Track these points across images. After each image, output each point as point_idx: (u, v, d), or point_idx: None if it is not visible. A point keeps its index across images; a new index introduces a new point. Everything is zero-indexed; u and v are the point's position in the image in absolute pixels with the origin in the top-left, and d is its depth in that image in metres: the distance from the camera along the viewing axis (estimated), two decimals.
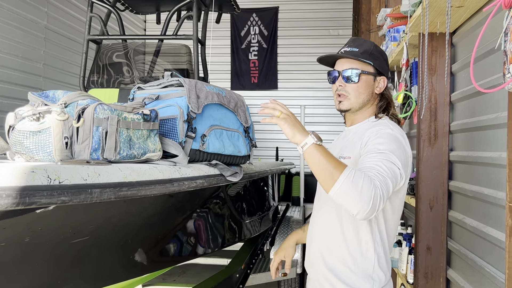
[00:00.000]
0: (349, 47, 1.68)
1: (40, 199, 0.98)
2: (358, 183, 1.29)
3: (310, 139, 1.37)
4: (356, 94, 1.65)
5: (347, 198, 1.31)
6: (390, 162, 1.42)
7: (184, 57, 3.57)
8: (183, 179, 1.51)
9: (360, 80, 1.64)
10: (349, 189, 1.30)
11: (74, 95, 1.27)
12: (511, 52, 1.17)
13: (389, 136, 1.53)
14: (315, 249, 1.71)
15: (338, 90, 1.67)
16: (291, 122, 1.40)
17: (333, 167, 1.33)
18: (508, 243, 1.46)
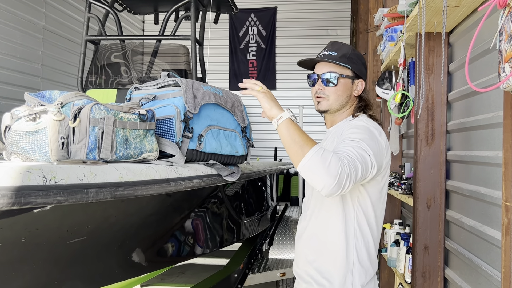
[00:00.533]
0: (328, 51, 1.73)
1: (35, 199, 0.98)
2: (327, 159, 1.34)
3: (286, 114, 1.46)
4: (335, 96, 1.70)
5: (314, 172, 1.36)
6: (361, 148, 1.46)
7: (182, 57, 3.58)
8: (180, 179, 1.52)
9: (338, 83, 1.70)
10: (317, 163, 1.35)
11: (70, 95, 1.27)
12: (506, 51, 1.17)
13: (361, 127, 1.59)
14: (300, 248, 1.76)
15: (317, 93, 1.72)
16: (270, 96, 1.51)
17: (304, 141, 1.40)
18: (504, 241, 1.47)
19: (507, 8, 1.18)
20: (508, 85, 1.17)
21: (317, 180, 1.36)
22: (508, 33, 1.17)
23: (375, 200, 1.65)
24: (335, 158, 1.35)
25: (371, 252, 1.67)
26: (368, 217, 1.64)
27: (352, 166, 1.38)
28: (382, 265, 3.90)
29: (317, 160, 1.35)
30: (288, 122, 1.45)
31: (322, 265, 1.65)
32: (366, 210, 1.64)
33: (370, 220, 1.65)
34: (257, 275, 3.41)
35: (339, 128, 1.71)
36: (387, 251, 3.22)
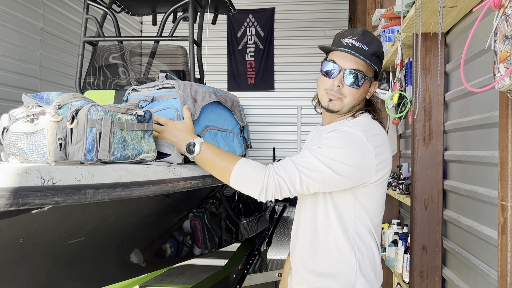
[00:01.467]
0: (358, 42, 1.44)
1: (33, 200, 0.98)
2: (248, 175, 1.40)
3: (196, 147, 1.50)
4: (352, 99, 1.48)
5: (244, 189, 1.44)
6: (316, 157, 1.37)
7: (180, 58, 3.58)
8: (177, 179, 1.52)
9: (362, 86, 1.47)
10: (242, 181, 1.41)
11: (68, 97, 1.28)
12: (500, 51, 1.18)
13: (342, 134, 1.42)
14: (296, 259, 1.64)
15: (333, 90, 1.47)
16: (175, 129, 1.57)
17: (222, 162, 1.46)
18: (500, 241, 1.47)
19: (502, 9, 1.18)
20: (503, 85, 1.18)
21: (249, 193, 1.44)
22: (502, 34, 1.18)
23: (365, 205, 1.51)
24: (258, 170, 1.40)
25: (375, 263, 1.53)
26: (367, 227, 1.51)
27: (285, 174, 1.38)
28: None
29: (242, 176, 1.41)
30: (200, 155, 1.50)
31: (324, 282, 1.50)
32: (364, 221, 1.51)
33: (370, 230, 1.52)
34: (255, 275, 3.41)
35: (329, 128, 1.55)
36: (385, 251, 3.22)
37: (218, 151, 1.47)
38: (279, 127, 7.28)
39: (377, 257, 1.54)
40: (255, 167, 1.40)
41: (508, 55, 1.14)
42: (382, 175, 1.49)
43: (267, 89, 7.48)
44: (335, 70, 1.45)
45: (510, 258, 1.42)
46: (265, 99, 7.47)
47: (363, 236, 1.51)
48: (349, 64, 1.44)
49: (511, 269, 1.42)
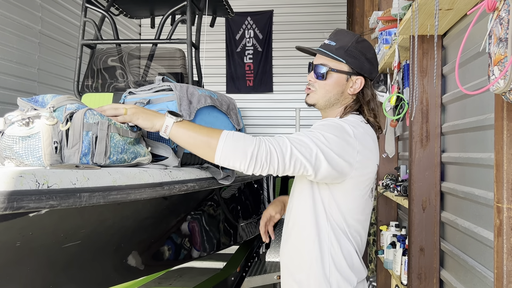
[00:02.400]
0: (328, 40, 1.61)
1: (28, 204, 0.98)
2: (239, 141, 1.32)
3: (169, 120, 1.35)
4: (323, 91, 1.58)
5: (232, 158, 1.32)
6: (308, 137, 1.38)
7: (178, 61, 3.58)
8: (174, 182, 1.52)
9: (328, 78, 1.56)
10: (231, 149, 1.31)
11: (62, 99, 1.28)
12: (495, 54, 1.18)
13: (332, 124, 1.47)
14: (282, 257, 1.72)
15: (308, 83, 1.63)
16: (142, 113, 1.38)
17: (207, 136, 1.33)
18: (496, 243, 1.48)
19: (496, 12, 1.19)
20: (497, 87, 1.19)
21: (237, 163, 1.33)
22: (497, 36, 1.18)
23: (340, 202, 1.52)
24: (248, 138, 1.33)
25: (353, 259, 1.54)
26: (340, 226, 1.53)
27: (276, 143, 1.34)
28: (379, 267, 3.90)
29: (229, 146, 1.31)
30: (176, 127, 1.34)
31: (302, 277, 1.55)
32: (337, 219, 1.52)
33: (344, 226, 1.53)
34: (254, 278, 3.41)
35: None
36: (383, 253, 3.23)
37: (198, 126, 1.37)
38: (277, 129, 7.28)
39: (354, 255, 1.55)
40: (243, 135, 1.34)
41: (503, 58, 1.15)
42: (361, 174, 1.49)
43: (265, 91, 7.48)
44: (310, 68, 1.64)
45: (506, 260, 1.43)
46: (264, 101, 7.47)
47: (337, 234, 1.52)
48: (317, 60, 1.61)
49: (507, 271, 1.42)
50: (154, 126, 1.37)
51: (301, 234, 1.57)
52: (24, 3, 4.35)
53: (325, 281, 1.51)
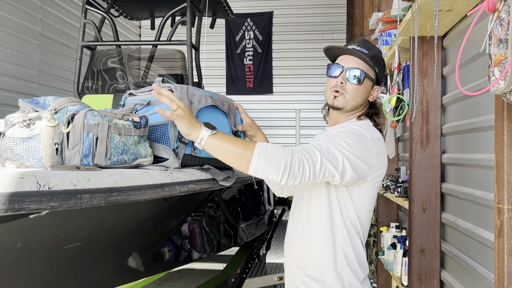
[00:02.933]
0: (359, 47, 1.61)
1: (29, 205, 0.98)
2: (272, 153, 1.35)
3: (204, 133, 1.37)
4: (354, 95, 1.60)
5: (266, 170, 1.36)
6: (333, 145, 1.43)
7: (179, 62, 3.59)
8: (174, 183, 1.52)
9: (363, 83, 1.59)
10: (264, 161, 1.34)
11: (63, 101, 1.28)
12: (495, 55, 1.18)
13: (351, 130, 1.54)
14: (289, 252, 1.73)
15: (337, 86, 1.60)
16: (187, 118, 1.38)
17: (242, 148, 1.36)
18: (497, 243, 1.48)
19: (496, 13, 1.19)
20: (497, 88, 1.19)
21: (270, 175, 1.36)
22: (497, 37, 1.18)
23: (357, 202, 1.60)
24: (281, 150, 1.36)
25: (361, 256, 1.62)
26: (356, 221, 1.60)
27: (307, 153, 1.38)
28: (379, 268, 3.90)
29: (263, 159, 1.35)
30: (211, 140, 1.37)
31: (314, 271, 1.60)
32: (352, 218, 1.59)
33: (358, 224, 1.61)
34: (254, 279, 3.40)
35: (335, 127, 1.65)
36: (384, 254, 3.22)
37: (232, 138, 1.42)
38: (277, 130, 7.29)
39: (362, 252, 1.63)
40: (276, 147, 1.38)
41: (503, 59, 1.15)
42: (378, 175, 1.58)
43: (265, 92, 7.49)
44: (339, 69, 1.60)
45: (507, 261, 1.43)
46: (264, 102, 7.47)
47: (350, 231, 1.59)
48: (350, 63, 1.60)
49: (508, 272, 1.42)
50: (190, 135, 1.39)
51: (315, 232, 1.61)
52: (24, 4, 4.36)
53: (337, 277, 1.57)
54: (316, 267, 1.60)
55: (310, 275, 1.61)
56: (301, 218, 1.67)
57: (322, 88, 1.83)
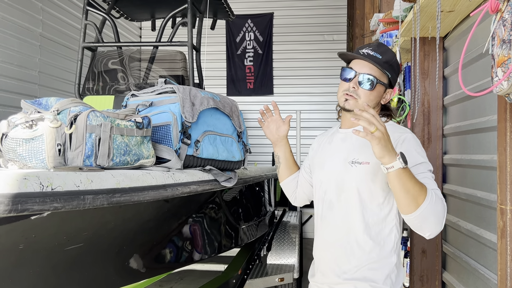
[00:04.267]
0: (373, 51, 1.61)
1: (32, 206, 0.98)
2: (438, 211, 1.37)
3: (397, 163, 1.33)
4: (366, 100, 1.60)
5: (427, 222, 1.38)
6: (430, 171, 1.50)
7: (179, 63, 3.59)
8: (176, 184, 1.52)
9: (374, 89, 1.60)
10: (430, 214, 1.36)
11: (66, 102, 1.28)
12: (498, 55, 1.18)
13: (414, 140, 1.57)
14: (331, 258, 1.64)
15: (349, 91, 1.61)
16: (384, 142, 1.33)
17: (418, 191, 1.35)
18: (499, 244, 1.47)
19: (499, 13, 1.19)
20: (501, 89, 1.19)
21: (428, 229, 1.39)
22: (500, 38, 1.18)
23: None
24: (442, 207, 1.38)
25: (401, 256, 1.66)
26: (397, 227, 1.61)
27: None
28: None
29: (430, 212, 1.36)
30: (399, 172, 1.33)
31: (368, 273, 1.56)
32: (400, 221, 1.62)
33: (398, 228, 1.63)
34: (255, 280, 3.39)
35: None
36: None
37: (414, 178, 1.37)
38: None
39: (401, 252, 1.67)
40: (442, 204, 1.40)
41: (506, 59, 1.15)
42: None
43: (266, 93, 7.49)
44: (352, 74, 1.61)
45: (509, 261, 1.42)
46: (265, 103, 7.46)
47: (399, 231, 1.62)
48: (364, 69, 1.60)
49: (510, 273, 1.42)
50: (383, 158, 1.34)
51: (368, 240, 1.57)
52: (25, 6, 4.36)
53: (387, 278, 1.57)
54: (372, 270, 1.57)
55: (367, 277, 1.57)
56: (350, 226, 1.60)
57: (323, 89, 1.85)
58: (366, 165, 1.55)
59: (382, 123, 1.33)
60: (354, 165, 1.57)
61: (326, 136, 1.82)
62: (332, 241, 1.64)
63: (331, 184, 1.65)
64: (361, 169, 1.56)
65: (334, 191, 1.63)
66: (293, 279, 3.66)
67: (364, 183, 1.56)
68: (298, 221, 4.73)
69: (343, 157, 1.62)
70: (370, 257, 1.56)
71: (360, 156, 1.58)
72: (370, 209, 1.57)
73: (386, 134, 1.34)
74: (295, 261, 3.78)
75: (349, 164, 1.59)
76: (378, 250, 1.56)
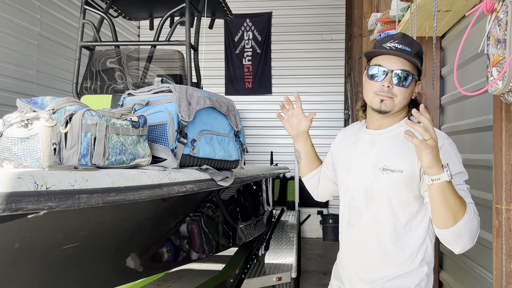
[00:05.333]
0: (400, 44, 1.48)
1: (26, 205, 0.98)
2: (473, 228, 1.30)
3: (444, 176, 1.24)
4: (402, 98, 1.48)
5: (461, 238, 1.30)
6: (465, 182, 1.42)
7: (177, 62, 3.58)
8: (172, 184, 1.52)
9: (410, 85, 1.48)
10: (466, 231, 1.29)
11: (62, 101, 1.28)
12: (493, 55, 1.18)
13: (450, 147, 1.44)
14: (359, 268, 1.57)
15: (384, 91, 1.47)
16: (435, 152, 1.24)
17: (458, 206, 1.27)
18: (495, 244, 1.48)
19: (494, 13, 1.19)
20: (496, 88, 1.19)
21: (460, 245, 1.32)
22: (495, 38, 1.18)
23: None
24: (477, 225, 1.31)
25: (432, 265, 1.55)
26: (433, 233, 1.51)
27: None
28: None
29: (466, 229, 1.28)
30: (444, 185, 1.25)
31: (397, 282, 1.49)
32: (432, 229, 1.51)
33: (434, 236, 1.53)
34: (253, 280, 3.39)
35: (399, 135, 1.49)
36: None
37: (456, 193, 1.29)
38: (276, 131, 7.29)
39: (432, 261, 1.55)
40: (478, 220, 1.32)
41: (501, 59, 1.15)
42: None
43: (264, 93, 7.49)
44: (382, 72, 1.48)
45: (505, 261, 1.43)
46: (263, 103, 7.48)
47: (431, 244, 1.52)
48: (395, 65, 1.47)
49: (506, 272, 1.42)
50: (431, 168, 1.25)
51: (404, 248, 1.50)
52: (23, 5, 4.35)
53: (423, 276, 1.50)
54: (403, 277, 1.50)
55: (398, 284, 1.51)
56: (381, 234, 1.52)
57: (321, 88, 1.83)
58: (399, 173, 1.45)
59: (435, 133, 1.24)
60: (386, 172, 1.46)
61: (350, 134, 1.71)
62: (361, 249, 1.56)
63: (360, 191, 1.55)
64: (394, 178, 1.45)
65: (363, 199, 1.54)
66: (291, 279, 3.66)
67: (396, 192, 1.47)
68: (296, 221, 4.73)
69: (372, 162, 1.51)
70: (400, 268, 1.48)
71: (392, 163, 1.47)
72: (401, 219, 1.48)
73: (435, 145, 1.24)
74: (293, 261, 3.78)
75: (379, 171, 1.48)
76: (410, 261, 1.48)
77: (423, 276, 1.48)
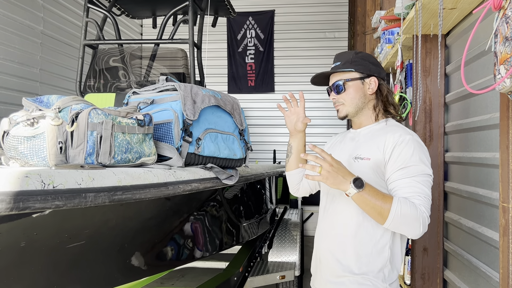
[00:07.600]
0: (334, 63, 1.80)
1: (34, 204, 0.98)
2: (407, 216, 1.46)
3: (352, 190, 1.45)
4: (348, 101, 1.74)
5: (401, 229, 1.51)
6: (424, 175, 1.54)
7: (180, 61, 3.58)
8: (178, 182, 1.52)
9: (346, 88, 1.74)
10: (400, 224, 1.48)
11: (68, 100, 1.28)
12: (501, 53, 1.18)
13: (413, 143, 1.59)
14: (327, 248, 1.73)
15: (334, 102, 1.78)
16: (332, 176, 1.46)
17: (380, 205, 1.46)
18: (501, 242, 1.47)
19: (502, 11, 1.18)
20: (503, 86, 1.18)
21: (405, 233, 1.53)
22: (503, 35, 1.18)
23: None
24: (413, 211, 1.45)
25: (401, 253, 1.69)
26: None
27: (427, 205, 1.50)
28: None
29: (399, 220, 1.46)
30: (359, 195, 1.46)
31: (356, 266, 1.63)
32: None
33: None
34: (256, 278, 3.40)
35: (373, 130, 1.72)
36: None
37: (374, 188, 1.49)
38: (279, 129, 7.28)
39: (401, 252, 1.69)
40: (409, 206, 1.47)
41: (509, 57, 1.14)
42: None
43: (267, 91, 7.48)
44: (328, 90, 1.82)
45: (511, 259, 1.42)
46: (266, 101, 7.47)
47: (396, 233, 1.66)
48: (331, 81, 1.80)
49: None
50: (337, 188, 1.49)
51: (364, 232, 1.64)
52: (26, 3, 4.36)
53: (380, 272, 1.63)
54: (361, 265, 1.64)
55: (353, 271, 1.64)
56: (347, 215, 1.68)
57: (323, 86, 1.89)
58: (367, 160, 1.63)
59: (325, 157, 1.46)
60: (357, 160, 1.65)
61: (341, 135, 1.93)
62: (330, 232, 1.72)
63: None
64: (363, 164, 1.63)
65: None
66: (294, 277, 3.66)
67: (364, 178, 1.58)
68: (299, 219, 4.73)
69: (349, 153, 1.71)
70: (364, 251, 1.63)
71: (363, 152, 1.66)
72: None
73: (333, 165, 1.45)
74: (296, 259, 3.78)
75: (353, 159, 1.67)
76: (372, 244, 1.62)
77: (386, 262, 1.62)
